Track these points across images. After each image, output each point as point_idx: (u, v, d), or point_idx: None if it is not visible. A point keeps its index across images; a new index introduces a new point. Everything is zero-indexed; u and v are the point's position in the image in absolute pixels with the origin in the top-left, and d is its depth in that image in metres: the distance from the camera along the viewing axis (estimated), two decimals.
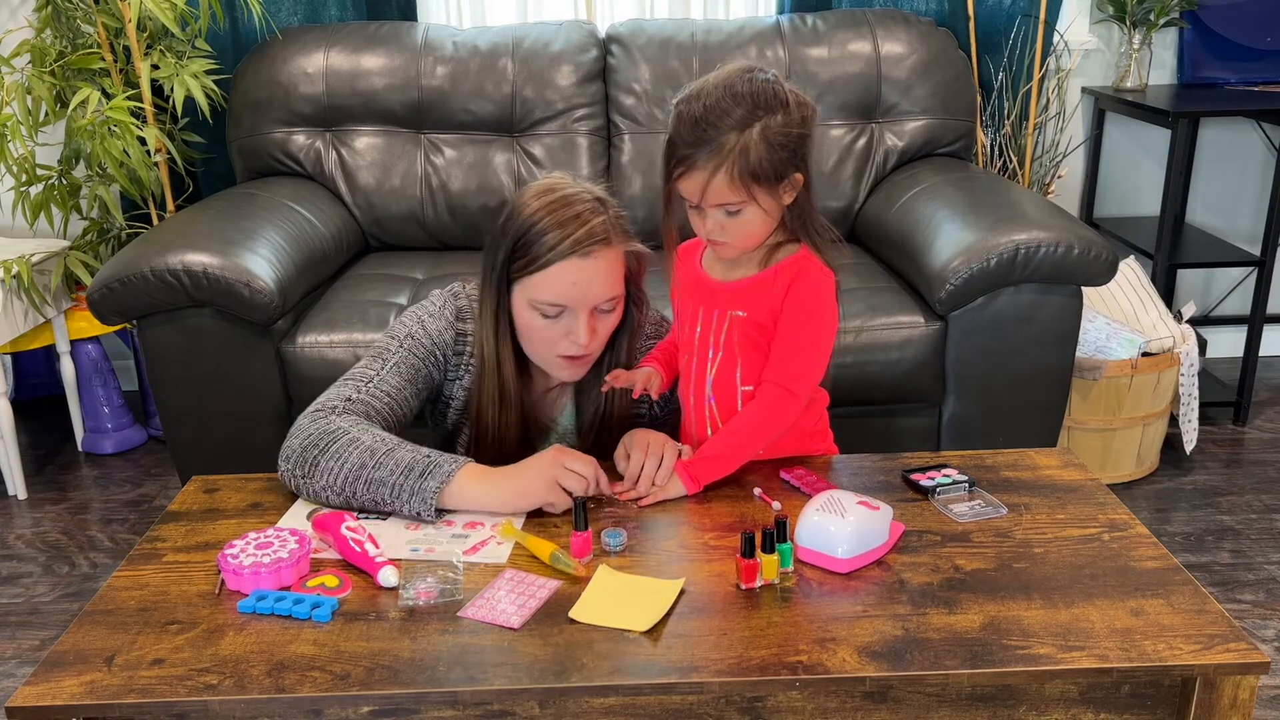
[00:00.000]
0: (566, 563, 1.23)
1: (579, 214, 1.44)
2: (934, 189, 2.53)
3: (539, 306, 1.46)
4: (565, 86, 2.77)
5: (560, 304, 1.45)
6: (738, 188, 1.34)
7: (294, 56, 2.75)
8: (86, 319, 2.81)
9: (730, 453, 1.43)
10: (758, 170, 1.33)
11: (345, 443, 1.37)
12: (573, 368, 1.53)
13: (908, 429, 2.33)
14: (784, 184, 1.38)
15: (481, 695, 1.05)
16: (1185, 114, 2.74)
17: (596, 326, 1.49)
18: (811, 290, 1.42)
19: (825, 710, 1.11)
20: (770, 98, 1.35)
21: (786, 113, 1.35)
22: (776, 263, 1.44)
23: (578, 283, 1.44)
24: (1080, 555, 1.26)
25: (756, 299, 1.44)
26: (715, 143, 1.33)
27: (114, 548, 2.48)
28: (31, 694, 1.06)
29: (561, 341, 1.49)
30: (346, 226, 2.71)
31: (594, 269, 1.44)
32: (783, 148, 1.34)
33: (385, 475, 1.34)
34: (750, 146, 1.33)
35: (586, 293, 1.45)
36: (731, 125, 1.33)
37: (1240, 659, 1.07)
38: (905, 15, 2.85)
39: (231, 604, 1.20)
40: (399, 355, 1.54)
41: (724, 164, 1.33)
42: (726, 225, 1.39)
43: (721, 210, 1.37)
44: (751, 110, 1.33)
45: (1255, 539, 2.41)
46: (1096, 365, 2.52)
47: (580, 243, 1.42)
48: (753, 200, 1.36)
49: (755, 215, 1.38)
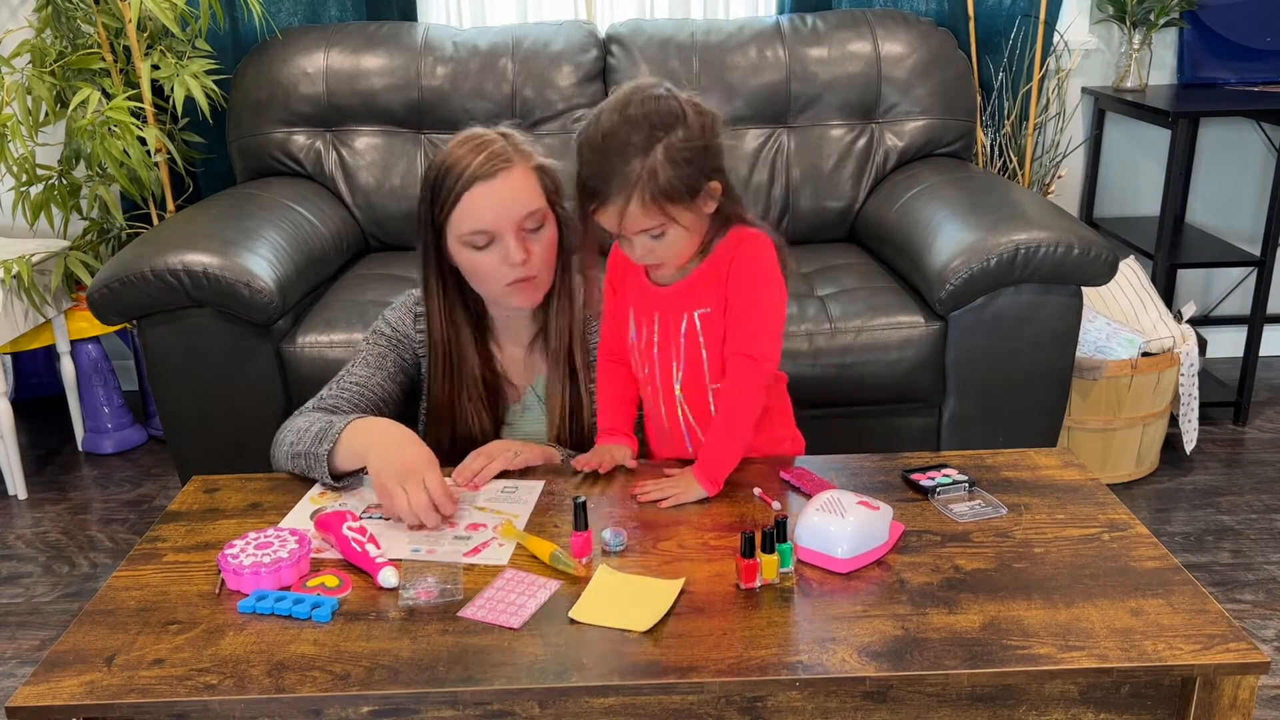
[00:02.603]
0: (566, 563, 1.23)
1: (479, 144, 1.51)
2: (934, 189, 2.53)
3: (467, 240, 1.51)
4: (565, 86, 2.77)
5: (484, 229, 1.50)
6: (653, 212, 1.32)
7: (294, 56, 2.75)
8: (86, 319, 2.81)
9: (730, 441, 1.42)
10: (669, 191, 1.31)
11: (289, 430, 1.51)
12: (524, 291, 1.55)
13: (908, 429, 2.33)
14: (700, 196, 1.36)
15: (481, 695, 1.05)
16: (1185, 114, 2.74)
17: (529, 247, 1.52)
18: (754, 259, 1.41)
19: (825, 710, 1.11)
20: (666, 115, 1.32)
21: (686, 127, 1.32)
22: (714, 250, 1.43)
23: (491, 206, 1.49)
24: (1080, 555, 1.26)
25: (709, 289, 1.42)
26: (621, 173, 1.31)
27: (114, 548, 2.48)
28: (31, 694, 1.06)
29: (502, 268, 1.52)
30: (346, 226, 2.71)
31: (503, 188, 1.49)
32: (689, 163, 1.32)
33: (304, 448, 1.46)
34: (657, 169, 1.30)
35: (503, 212, 1.49)
36: (634, 152, 1.30)
37: (1240, 659, 1.07)
38: (905, 15, 2.85)
39: (231, 604, 1.20)
40: (365, 350, 1.65)
41: (634, 192, 1.31)
42: (654, 249, 1.38)
43: (645, 235, 1.36)
44: (650, 133, 1.30)
45: (1255, 539, 2.41)
46: (1096, 365, 2.52)
47: (483, 166, 1.48)
48: (672, 221, 1.34)
49: (678, 234, 1.36)
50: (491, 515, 1.38)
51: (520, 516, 1.37)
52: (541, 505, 1.41)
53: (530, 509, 1.40)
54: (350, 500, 1.43)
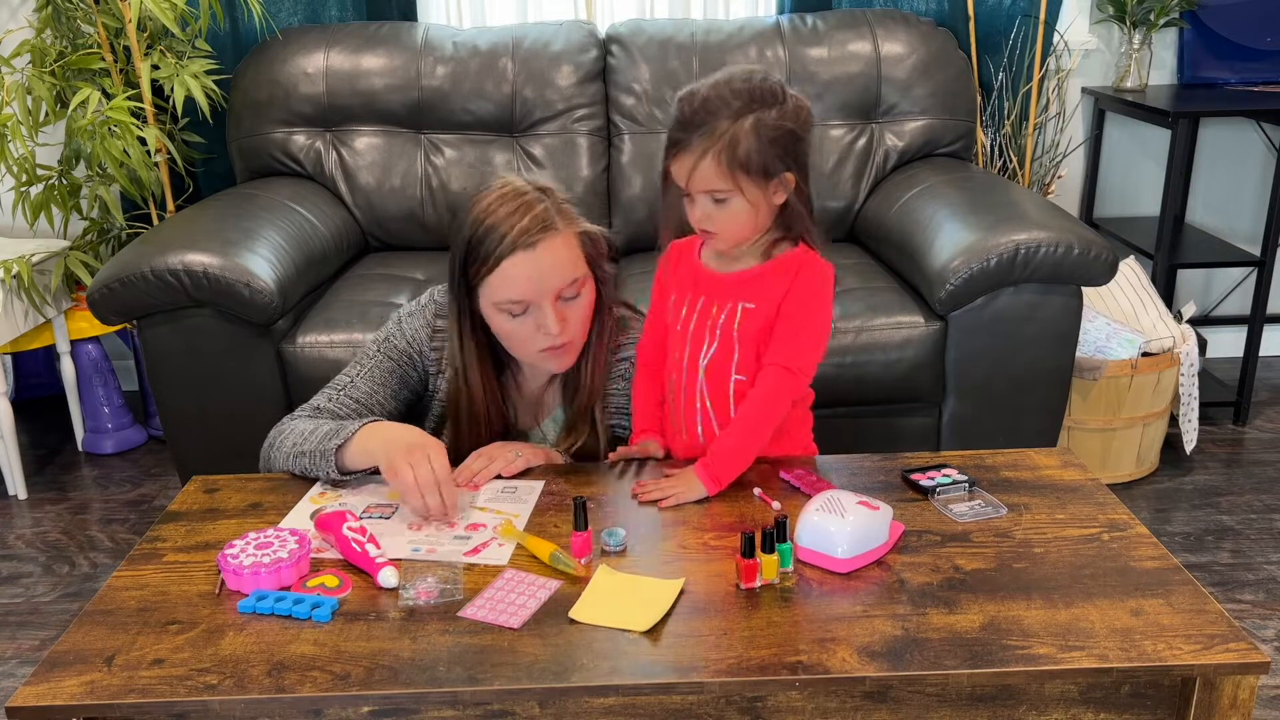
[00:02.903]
0: (566, 563, 1.23)
1: (519, 206, 1.45)
2: (934, 189, 2.53)
3: (503, 307, 1.48)
4: (565, 86, 2.77)
5: (521, 300, 1.46)
6: (724, 174, 1.36)
7: (294, 56, 2.75)
8: (86, 319, 2.81)
9: (744, 444, 1.43)
10: (745, 161, 1.35)
11: (290, 433, 1.50)
12: (558, 358, 1.54)
13: (908, 429, 2.33)
14: (774, 182, 1.39)
15: (481, 695, 1.05)
16: (1185, 114, 2.74)
17: (566, 314, 1.49)
18: (816, 281, 1.45)
19: (825, 710, 1.11)
20: (767, 94, 1.37)
21: (781, 108, 1.37)
22: (777, 256, 1.46)
23: (531, 276, 1.45)
24: (1080, 555, 1.26)
25: (761, 290, 1.45)
26: (706, 127, 1.35)
27: (114, 548, 2.48)
28: (31, 694, 1.06)
29: (537, 336, 1.49)
30: (346, 226, 2.71)
31: (544, 258, 1.45)
32: (773, 143, 1.36)
33: (312, 447, 1.45)
34: (741, 136, 1.35)
35: (542, 284, 1.46)
36: (726, 114, 1.35)
37: (1240, 659, 1.07)
38: (905, 15, 2.85)
39: (231, 604, 1.20)
40: (373, 361, 1.61)
41: (712, 149, 1.35)
42: (713, 215, 1.40)
43: (709, 198, 1.39)
44: (747, 103, 1.36)
45: (1255, 539, 2.41)
46: (1096, 365, 2.52)
47: (525, 233, 1.43)
48: (739, 190, 1.37)
49: (741, 207, 1.39)
50: (491, 515, 1.38)
51: (520, 516, 1.37)
52: (541, 505, 1.41)
53: (530, 509, 1.40)
54: (350, 500, 1.43)
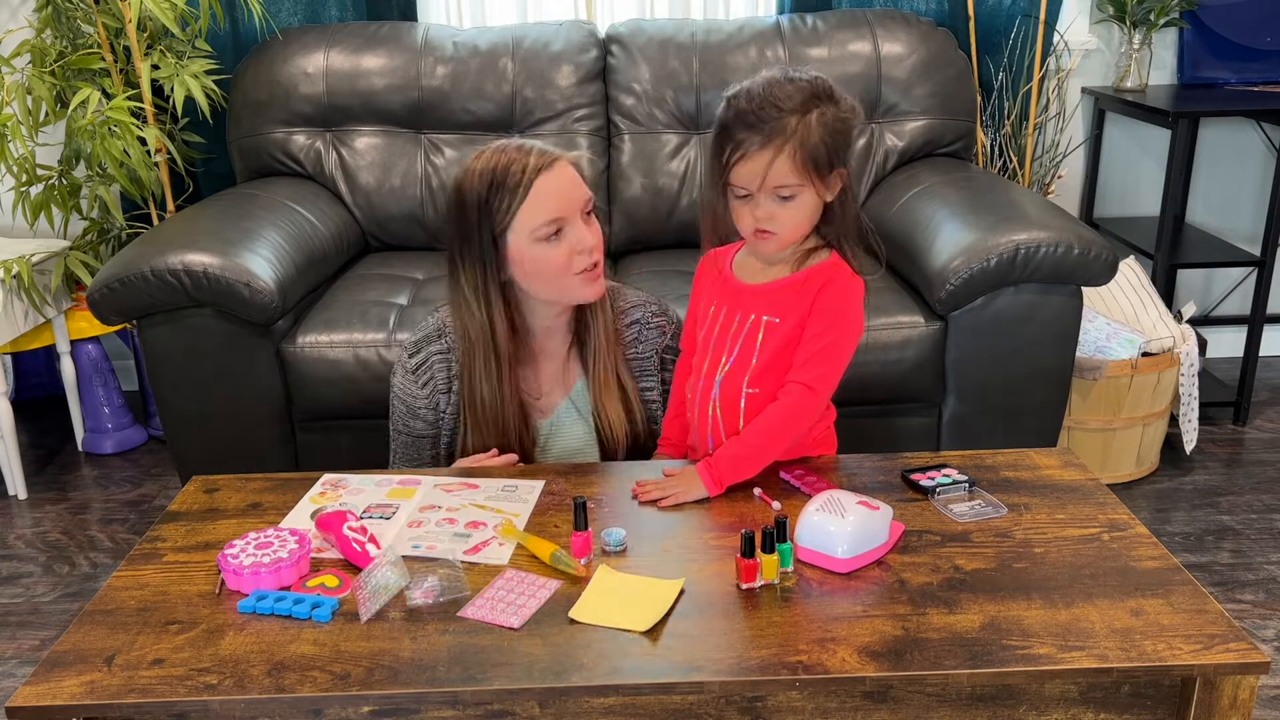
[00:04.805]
0: (566, 563, 1.23)
1: (518, 148, 1.52)
2: (934, 189, 2.53)
3: (540, 232, 1.50)
4: (565, 86, 2.77)
5: (556, 218, 1.50)
6: (798, 170, 1.36)
7: (294, 56, 2.75)
8: (86, 319, 2.81)
9: (754, 453, 1.43)
10: (816, 155, 1.35)
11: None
12: (593, 282, 1.56)
13: (908, 429, 2.33)
14: (832, 175, 1.39)
15: (481, 695, 1.05)
16: (1185, 114, 2.74)
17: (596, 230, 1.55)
18: (843, 295, 1.44)
19: (825, 710, 1.11)
20: (823, 90, 1.38)
21: (837, 105, 1.38)
22: (809, 267, 1.45)
23: (559, 191, 1.50)
24: (1080, 555, 1.26)
25: (787, 303, 1.44)
26: (777, 122, 1.34)
27: (114, 548, 2.48)
28: (31, 694, 1.06)
29: (574, 258, 1.52)
30: (346, 226, 2.71)
31: (564, 174, 1.52)
32: (835, 135, 1.37)
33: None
34: (811, 129, 1.35)
35: (570, 198, 1.51)
36: (793, 109, 1.35)
37: (1240, 659, 1.08)
38: (905, 15, 2.85)
39: (231, 604, 1.20)
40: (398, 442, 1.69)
41: (788, 144, 1.35)
42: (777, 214, 1.39)
43: (775, 196, 1.38)
44: (810, 98, 1.36)
45: (1255, 539, 2.41)
46: (1096, 365, 2.52)
47: (541, 156, 1.50)
48: (809, 185, 1.37)
49: (807, 203, 1.39)
50: (491, 515, 1.38)
51: (520, 516, 1.37)
52: (541, 505, 1.41)
53: (530, 509, 1.40)
54: (350, 500, 1.43)
